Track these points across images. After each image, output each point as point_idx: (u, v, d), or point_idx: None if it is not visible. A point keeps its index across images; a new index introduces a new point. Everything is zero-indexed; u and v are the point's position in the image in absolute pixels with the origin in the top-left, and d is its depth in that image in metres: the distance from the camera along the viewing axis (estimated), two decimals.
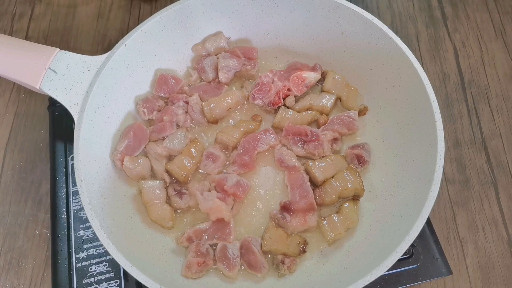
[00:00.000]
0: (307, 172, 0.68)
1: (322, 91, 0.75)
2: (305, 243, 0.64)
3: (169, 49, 0.74)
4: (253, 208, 0.68)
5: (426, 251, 0.66)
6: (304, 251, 0.63)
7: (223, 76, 0.74)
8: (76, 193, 0.70)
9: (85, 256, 0.66)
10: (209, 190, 0.66)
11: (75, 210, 0.69)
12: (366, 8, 0.93)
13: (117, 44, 0.67)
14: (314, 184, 0.67)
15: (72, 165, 0.70)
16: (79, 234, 0.67)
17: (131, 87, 0.71)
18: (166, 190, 0.67)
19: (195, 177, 0.70)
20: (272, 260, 0.64)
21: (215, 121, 0.73)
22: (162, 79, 0.73)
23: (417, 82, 0.64)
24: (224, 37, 0.76)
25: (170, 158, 0.70)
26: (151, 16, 0.69)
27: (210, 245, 0.64)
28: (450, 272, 0.65)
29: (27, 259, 0.71)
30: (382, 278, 0.61)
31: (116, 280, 0.65)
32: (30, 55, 0.66)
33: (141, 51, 0.70)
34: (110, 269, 0.65)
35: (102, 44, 0.90)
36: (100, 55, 0.66)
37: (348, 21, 0.70)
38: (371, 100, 0.74)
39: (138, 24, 0.69)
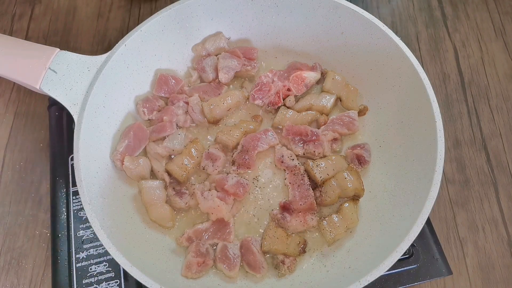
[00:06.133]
0: (307, 172, 0.68)
1: (322, 91, 0.75)
2: (305, 243, 0.64)
3: (169, 49, 0.74)
4: (253, 208, 0.68)
5: (426, 251, 0.66)
6: (304, 251, 0.63)
7: (223, 76, 0.74)
8: (76, 193, 0.70)
9: (85, 256, 0.66)
10: (209, 190, 0.66)
11: (75, 210, 0.69)
12: (366, 8, 0.92)
13: (117, 44, 0.67)
14: (314, 184, 0.67)
15: (72, 165, 0.70)
16: (79, 234, 0.67)
17: (131, 87, 0.71)
18: (166, 190, 0.67)
19: (196, 177, 0.70)
20: (272, 260, 0.64)
21: (215, 121, 0.73)
22: (162, 79, 0.73)
23: (417, 82, 0.64)
24: (224, 37, 0.76)
25: (170, 158, 0.70)
26: (151, 16, 0.69)
27: (210, 245, 0.64)
28: (450, 272, 0.65)
29: (27, 259, 0.71)
30: (382, 278, 0.61)
31: (116, 280, 0.65)
32: (30, 55, 0.66)
33: (141, 51, 0.70)
34: (110, 269, 0.65)
35: (102, 44, 0.90)
36: (100, 55, 0.66)
37: (348, 21, 0.70)
38: (371, 100, 0.74)
39: (138, 24, 0.69)
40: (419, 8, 0.95)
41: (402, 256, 0.55)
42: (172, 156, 0.70)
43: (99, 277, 0.65)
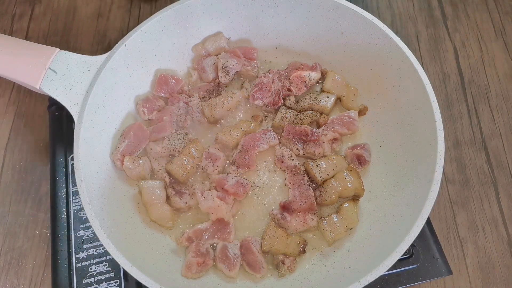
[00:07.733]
0: (307, 172, 0.68)
1: (322, 91, 0.75)
2: (305, 243, 0.64)
3: (169, 49, 0.74)
4: (253, 208, 0.68)
5: (426, 251, 0.66)
6: (304, 251, 0.63)
7: (223, 76, 0.74)
8: (76, 193, 0.70)
9: (85, 256, 0.66)
10: (209, 190, 0.66)
11: (75, 210, 0.69)
12: (366, 8, 0.93)
13: (117, 44, 0.67)
14: (314, 184, 0.67)
15: (72, 165, 0.70)
16: (79, 234, 0.67)
17: (131, 87, 0.71)
18: (166, 190, 0.67)
19: (196, 177, 0.70)
20: (272, 260, 0.64)
21: (215, 121, 0.73)
22: (162, 79, 0.73)
23: (417, 82, 0.64)
24: (224, 37, 0.76)
25: (170, 158, 0.70)
26: (151, 16, 0.69)
27: (210, 245, 0.64)
28: (450, 272, 0.65)
29: (27, 259, 0.71)
30: (382, 278, 0.61)
31: (116, 280, 0.65)
32: (30, 55, 0.66)
33: (141, 51, 0.70)
34: (110, 269, 0.65)
35: (102, 44, 0.90)
36: (100, 55, 0.66)
37: (348, 21, 0.70)
38: (371, 100, 0.74)
39: (138, 24, 0.69)
40: (419, 8, 0.95)
41: (402, 256, 0.55)
42: (172, 156, 0.70)
43: (99, 277, 0.65)
